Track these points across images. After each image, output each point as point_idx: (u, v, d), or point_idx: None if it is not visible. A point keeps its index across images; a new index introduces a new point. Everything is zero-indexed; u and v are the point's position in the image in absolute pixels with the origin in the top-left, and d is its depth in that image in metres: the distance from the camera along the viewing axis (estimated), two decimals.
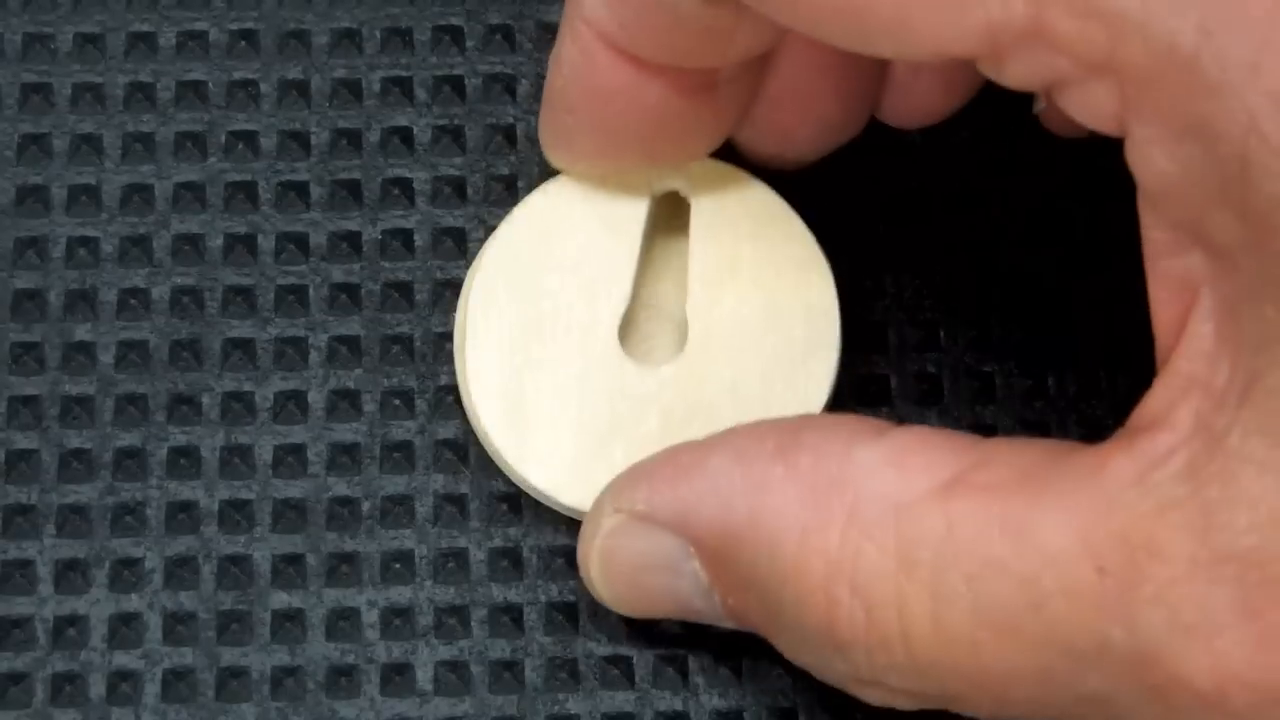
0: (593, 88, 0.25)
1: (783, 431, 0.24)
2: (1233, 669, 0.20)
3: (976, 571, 0.21)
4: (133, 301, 0.28)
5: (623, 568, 0.25)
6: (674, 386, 0.27)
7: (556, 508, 0.27)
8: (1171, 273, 0.21)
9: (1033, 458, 0.22)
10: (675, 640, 0.27)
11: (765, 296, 0.27)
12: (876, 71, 0.27)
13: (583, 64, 0.25)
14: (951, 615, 0.21)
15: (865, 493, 0.22)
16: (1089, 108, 0.21)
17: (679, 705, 0.27)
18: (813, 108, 0.27)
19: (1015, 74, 0.21)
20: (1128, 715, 0.21)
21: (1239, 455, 0.20)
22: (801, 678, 0.27)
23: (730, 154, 0.28)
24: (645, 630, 0.27)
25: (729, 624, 0.25)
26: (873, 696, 0.23)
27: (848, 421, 0.24)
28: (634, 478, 0.25)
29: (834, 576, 0.22)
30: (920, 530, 0.22)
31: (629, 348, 0.27)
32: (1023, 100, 0.28)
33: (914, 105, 0.27)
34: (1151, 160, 0.20)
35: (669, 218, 0.28)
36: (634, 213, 0.28)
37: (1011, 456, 0.22)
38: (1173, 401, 0.21)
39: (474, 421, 0.27)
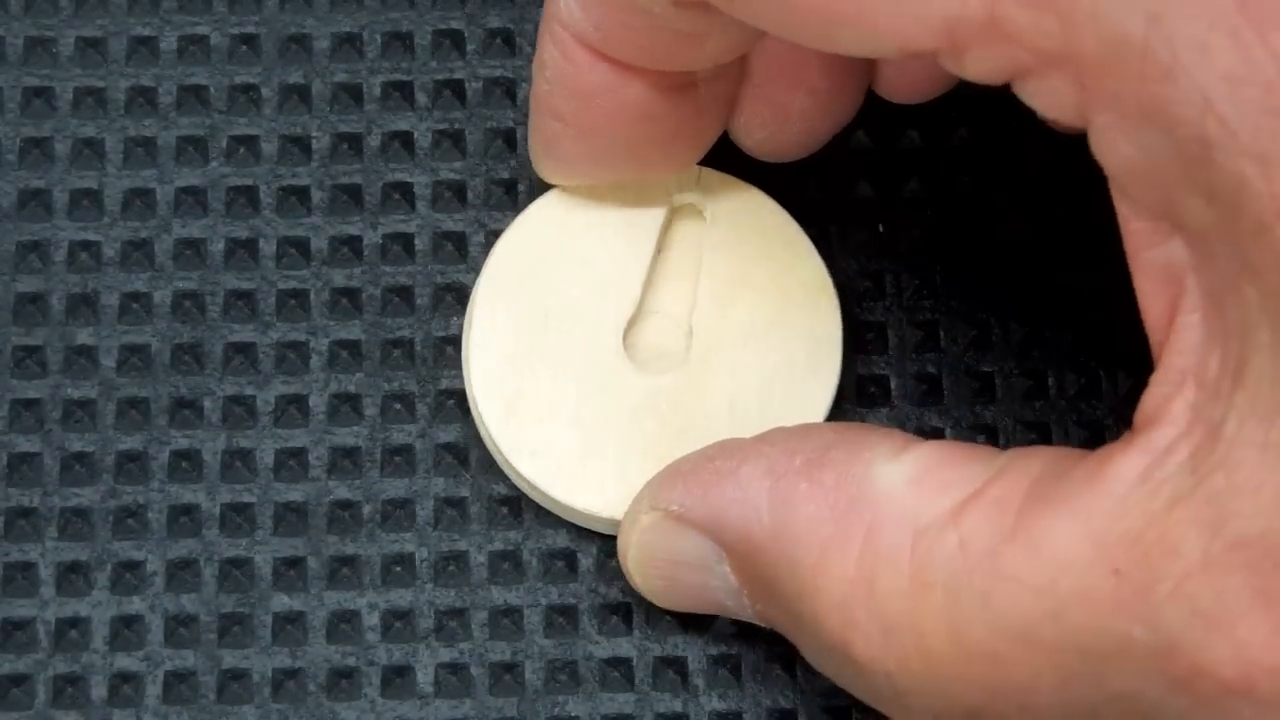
0: (575, 89, 0.25)
1: (812, 447, 0.24)
2: (1255, 656, 0.20)
3: (991, 587, 0.21)
4: (134, 305, 0.28)
5: (658, 564, 0.26)
6: (673, 395, 0.27)
7: (547, 504, 0.27)
8: (1155, 264, 0.21)
9: (1041, 467, 0.22)
10: (675, 642, 0.27)
11: (772, 316, 0.27)
12: None
13: (563, 65, 0.25)
14: (970, 632, 0.21)
15: (883, 515, 0.22)
16: (1049, 99, 0.21)
17: (679, 707, 0.27)
18: (801, 79, 0.27)
19: (976, 67, 0.21)
20: (1157, 709, 0.21)
21: (1238, 441, 0.20)
22: (801, 678, 0.27)
23: (740, 166, 0.28)
24: (645, 632, 0.27)
25: (761, 623, 0.25)
26: (897, 717, 0.23)
27: (872, 437, 0.24)
28: (671, 478, 0.25)
29: (851, 598, 0.22)
30: (934, 551, 0.22)
31: (633, 353, 0.27)
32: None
33: (909, 80, 0.27)
34: (1115, 148, 0.20)
35: (683, 230, 0.28)
36: (650, 220, 0.28)
37: (1023, 467, 0.22)
38: (1168, 396, 0.21)
39: (473, 406, 0.27)
